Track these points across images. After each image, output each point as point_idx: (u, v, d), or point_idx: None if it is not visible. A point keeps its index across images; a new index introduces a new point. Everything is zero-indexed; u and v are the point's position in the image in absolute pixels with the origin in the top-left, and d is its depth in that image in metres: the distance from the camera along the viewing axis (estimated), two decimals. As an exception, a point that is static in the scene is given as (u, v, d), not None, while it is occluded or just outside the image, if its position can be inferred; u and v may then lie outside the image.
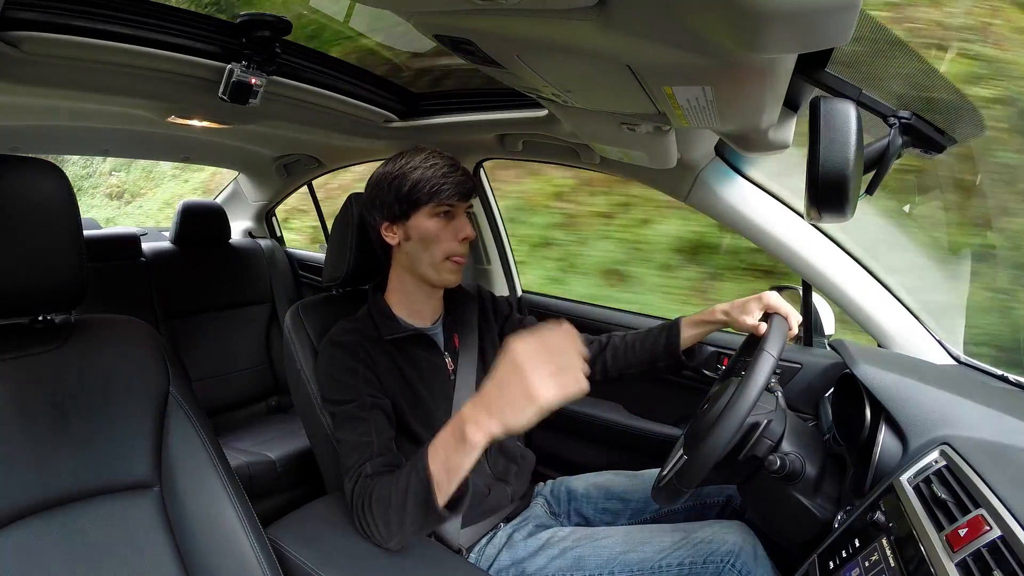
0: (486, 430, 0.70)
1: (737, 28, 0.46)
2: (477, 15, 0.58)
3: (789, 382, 1.24)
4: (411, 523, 0.81)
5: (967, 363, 1.08)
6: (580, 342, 0.71)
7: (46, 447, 0.73)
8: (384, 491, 0.83)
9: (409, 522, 0.81)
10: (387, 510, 0.82)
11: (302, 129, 1.59)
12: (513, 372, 0.67)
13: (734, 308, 1.00)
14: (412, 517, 0.80)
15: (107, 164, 8.36)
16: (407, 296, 1.06)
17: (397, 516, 0.81)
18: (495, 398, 0.69)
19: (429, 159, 0.99)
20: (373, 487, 0.84)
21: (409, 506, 0.80)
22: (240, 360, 2.12)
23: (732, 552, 0.86)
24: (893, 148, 0.69)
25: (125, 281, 1.94)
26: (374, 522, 0.84)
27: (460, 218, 1.01)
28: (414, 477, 0.79)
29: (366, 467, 0.87)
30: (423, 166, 0.98)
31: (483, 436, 0.71)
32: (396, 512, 0.81)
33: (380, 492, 0.83)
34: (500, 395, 0.68)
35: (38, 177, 0.73)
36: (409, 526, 0.82)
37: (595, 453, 1.57)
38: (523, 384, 0.66)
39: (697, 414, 0.93)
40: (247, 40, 1.08)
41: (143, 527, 0.77)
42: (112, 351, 0.81)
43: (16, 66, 0.96)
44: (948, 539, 0.58)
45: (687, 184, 1.24)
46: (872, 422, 0.88)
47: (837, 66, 0.68)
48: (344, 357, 0.97)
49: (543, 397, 0.65)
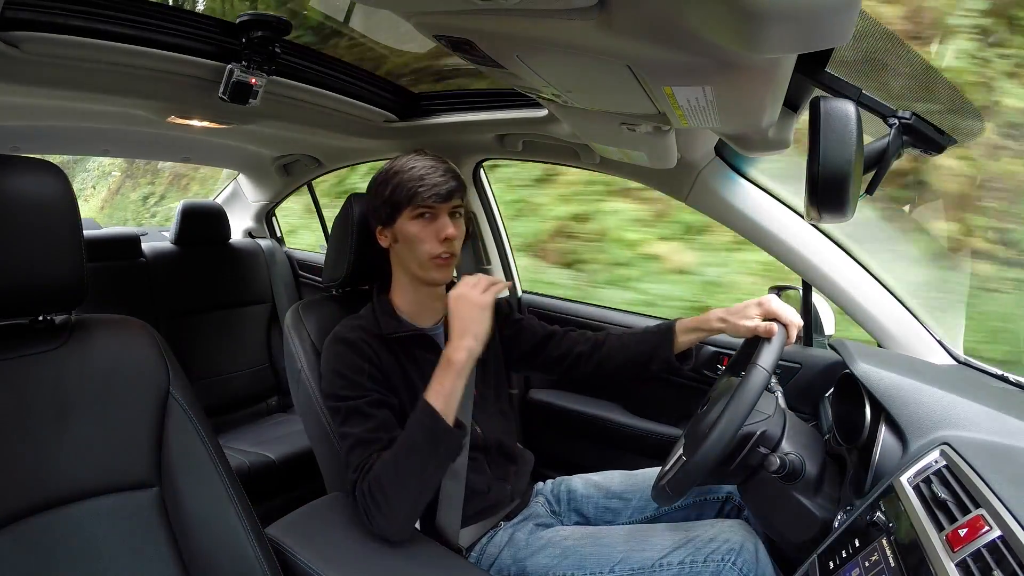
0: (462, 345, 0.89)
1: (737, 28, 0.46)
2: (477, 15, 0.58)
3: (789, 382, 1.24)
4: (424, 462, 0.86)
5: (967, 363, 1.08)
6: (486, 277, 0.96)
7: (46, 447, 0.73)
8: (389, 456, 0.87)
9: (421, 463, 0.86)
10: (398, 466, 0.85)
11: (302, 129, 1.59)
12: (457, 300, 0.92)
13: (732, 314, 0.98)
14: (424, 453, 0.86)
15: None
16: (409, 296, 1.06)
17: (408, 465, 0.86)
18: (456, 327, 0.90)
19: (411, 161, 0.99)
20: (377, 464, 0.87)
21: (420, 442, 0.86)
22: (240, 360, 2.12)
23: (733, 551, 0.86)
24: (893, 148, 0.69)
25: (125, 281, 1.94)
26: (382, 497, 0.85)
27: (442, 218, 1.00)
28: (414, 421, 0.88)
29: (372, 459, 0.88)
30: (403, 169, 0.99)
31: (463, 351, 0.89)
32: (407, 459, 0.86)
33: (386, 459, 0.87)
34: (459, 321, 0.90)
35: (38, 177, 0.73)
36: (425, 467, 0.86)
37: (595, 453, 1.57)
38: (468, 302, 0.91)
39: (697, 415, 0.93)
40: (247, 40, 1.08)
41: (143, 527, 0.77)
42: (112, 351, 0.81)
43: (16, 66, 0.96)
44: (948, 539, 0.58)
45: (687, 184, 1.24)
46: (872, 422, 0.88)
47: (837, 66, 0.68)
48: (351, 354, 0.97)
49: (483, 300, 0.91)
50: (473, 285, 0.93)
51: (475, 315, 0.90)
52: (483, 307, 0.91)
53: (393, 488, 0.85)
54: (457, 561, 0.94)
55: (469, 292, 0.91)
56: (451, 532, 0.99)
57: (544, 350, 1.17)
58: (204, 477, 0.82)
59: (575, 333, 1.19)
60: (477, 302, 0.91)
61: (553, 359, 1.17)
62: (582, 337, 1.18)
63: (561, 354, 1.16)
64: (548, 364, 1.18)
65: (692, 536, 0.91)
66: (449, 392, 0.88)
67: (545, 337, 1.18)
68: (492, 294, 0.92)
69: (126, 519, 0.76)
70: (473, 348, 0.89)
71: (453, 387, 0.88)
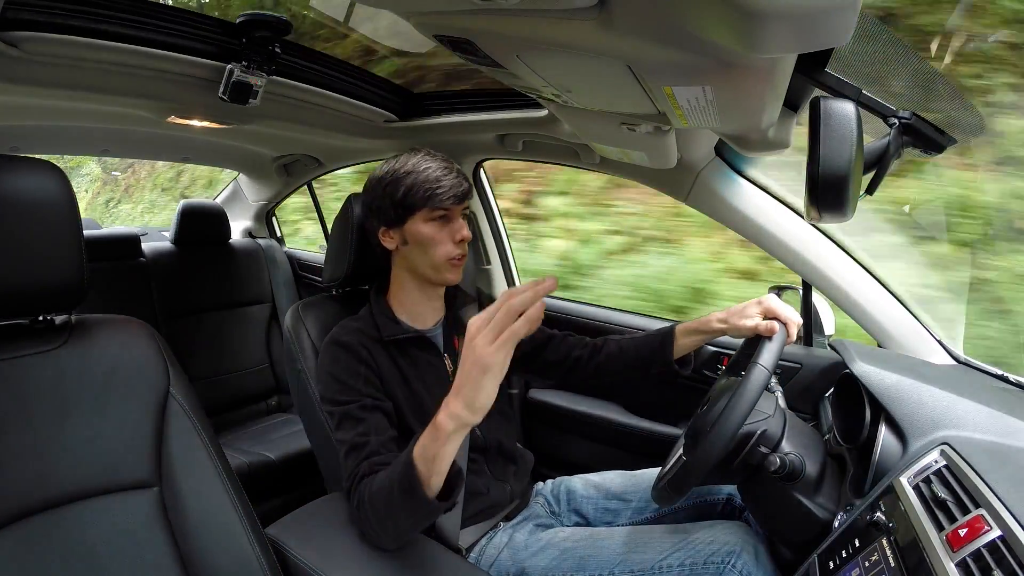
0: (451, 412, 0.70)
1: (737, 28, 0.46)
2: (477, 15, 0.58)
3: (789, 382, 1.24)
4: (403, 517, 0.79)
5: (967, 363, 1.08)
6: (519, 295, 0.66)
7: (46, 447, 0.73)
8: (376, 487, 0.82)
9: (402, 516, 0.79)
10: (380, 506, 0.81)
11: (302, 129, 1.59)
12: (465, 348, 0.68)
13: (732, 315, 0.98)
14: (402, 510, 0.78)
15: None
16: (408, 298, 1.06)
17: (388, 511, 0.80)
18: (457, 380, 0.70)
19: (423, 162, 0.99)
20: (367, 486, 0.84)
21: (397, 499, 0.78)
22: (240, 360, 2.12)
23: (733, 553, 0.86)
24: (893, 148, 0.69)
25: (125, 281, 1.94)
26: (369, 521, 0.83)
27: (456, 220, 1.01)
28: (399, 469, 0.78)
29: (363, 466, 0.87)
30: (416, 170, 0.98)
31: (450, 419, 0.70)
32: (387, 506, 0.80)
33: (373, 488, 0.83)
34: (461, 375, 0.69)
35: (38, 177, 0.73)
36: (403, 521, 0.80)
37: (595, 453, 1.57)
38: (473, 356, 0.66)
39: (697, 415, 0.93)
40: (247, 40, 1.08)
41: (143, 527, 0.77)
42: (112, 351, 0.81)
43: (16, 66, 0.96)
44: (948, 539, 0.58)
45: (687, 184, 1.24)
46: (872, 422, 0.88)
47: (837, 66, 0.68)
48: (347, 357, 0.97)
49: (489, 360, 0.65)
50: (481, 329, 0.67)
51: (474, 377, 0.67)
52: (485, 369, 0.66)
53: (379, 521, 0.83)
54: (457, 561, 0.94)
55: (477, 343, 0.66)
56: (450, 532, 0.99)
57: (542, 354, 1.17)
58: (204, 477, 0.82)
59: (574, 338, 1.19)
60: (479, 361, 0.66)
61: (551, 363, 1.17)
62: (580, 342, 1.18)
63: (559, 359, 1.16)
64: (546, 368, 1.18)
65: (692, 538, 0.91)
66: (433, 458, 0.74)
67: (544, 340, 1.18)
68: (505, 350, 0.65)
69: (126, 519, 0.76)
70: (462, 417, 0.70)
71: (438, 454, 0.74)
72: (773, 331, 0.89)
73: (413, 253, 1.01)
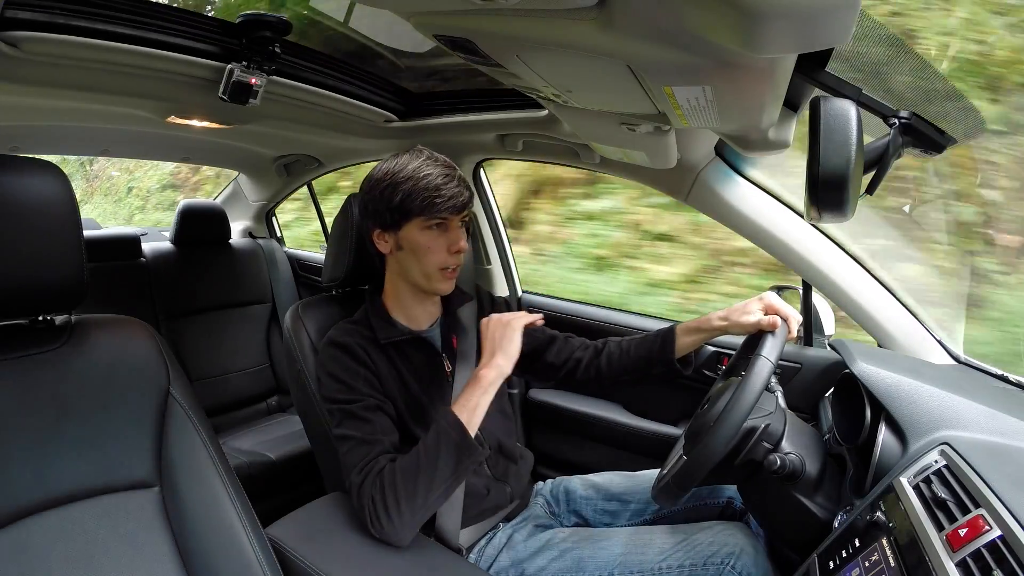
0: (492, 364, 0.91)
1: (737, 28, 0.46)
2: (477, 15, 0.58)
3: (789, 382, 1.24)
4: (441, 470, 0.85)
5: (967, 363, 1.08)
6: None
7: (46, 447, 0.73)
8: (408, 461, 0.87)
9: (439, 471, 0.85)
10: (414, 475, 0.85)
11: (302, 129, 1.60)
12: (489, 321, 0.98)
13: (733, 312, 0.98)
14: (445, 466, 0.85)
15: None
16: (403, 300, 1.05)
17: (426, 473, 0.85)
18: (487, 347, 0.95)
19: (423, 167, 0.94)
20: (389, 468, 0.87)
21: (442, 453, 0.86)
22: (240, 360, 2.12)
23: (733, 554, 0.86)
24: (893, 148, 0.69)
25: (125, 281, 1.94)
26: (395, 500, 0.84)
27: (454, 230, 0.97)
28: (440, 430, 0.87)
29: (379, 460, 0.88)
30: (416, 176, 0.94)
31: (492, 370, 0.91)
32: (426, 470, 0.85)
33: (403, 463, 0.87)
34: (489, 341, 0.95)
35: (38, 177, 0.73)
36: (440, 474, 0.85)
37: (595, 453, 1.57)
38: (500, 323, 0.96)
39: (697, 414, 0.93)
40: (247, 40, 1.08)
41: (143, 527, 0.77)
42: (112, 351, 0.81)
43: (16, 66, 0.96)
44: (948, 539, 0.58)
45: (687, 184, 1.24)
46: (872, 422, 0.88)
47: (837, 65, 0.68)
48: (345, 358, 0.97)
49: (515, 323, 0.95)
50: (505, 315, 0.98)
51: (507, 335, 0.94)
52: (515, 328, 0.94)
53: (407, 493, 0.84)
54: (457, 561, 0.94)
55: (501, 315, 0.97)
56: (450, 533, 0.99)
57: (543, 355, 1.17)
58: (204, 477, 0.82)
59: (575, 340, 1.18)
60: (508, 323, 0.95)
61: (552, 365, 1.16)
62: (581, 344, 1.17)
63: (561, 360, 1.15)
64: (546, 369, 1.17)
65: (691, 539, 0.91)
66: (475, 407, 0.89)
67: (545, 341, 1.17)
68: (523, 320, 0.97)
69: (126, 519, 0.76)
70: (503, 367, 0.92)
71: (479, 403, 0.89)
72: (775, 325, 0.89)
73: (406, 259, 0.99)
